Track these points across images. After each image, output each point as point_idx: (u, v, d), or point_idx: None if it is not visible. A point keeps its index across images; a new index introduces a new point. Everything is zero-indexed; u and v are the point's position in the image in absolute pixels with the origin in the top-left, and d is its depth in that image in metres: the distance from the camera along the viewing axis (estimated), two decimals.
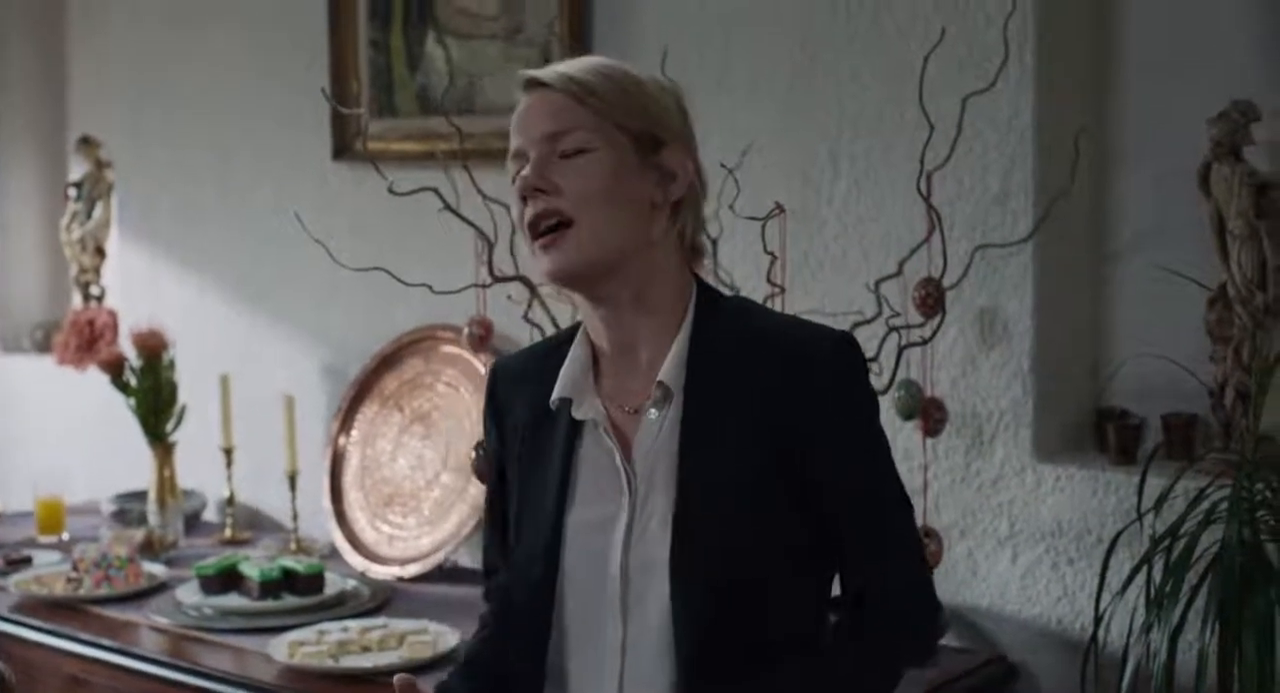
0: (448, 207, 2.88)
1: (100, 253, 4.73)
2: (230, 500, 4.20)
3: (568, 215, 1.97)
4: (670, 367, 2.01)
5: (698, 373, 2.01)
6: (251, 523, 4.31)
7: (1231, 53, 3.05)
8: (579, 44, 3.64)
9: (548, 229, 1.97)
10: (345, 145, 4.09)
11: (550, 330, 3.03)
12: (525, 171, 1.99)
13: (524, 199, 1.99)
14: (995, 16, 3.07)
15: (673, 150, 2.03)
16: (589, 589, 2.02)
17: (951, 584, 3.22)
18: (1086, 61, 3.19)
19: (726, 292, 2.25)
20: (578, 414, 2.06)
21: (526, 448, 2.11)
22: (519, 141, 2.01)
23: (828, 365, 2.00)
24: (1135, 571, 2.75)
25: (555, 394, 2.06)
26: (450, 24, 3.89)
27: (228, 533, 4.19)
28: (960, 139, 3.02)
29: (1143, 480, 2.84)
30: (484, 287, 2.93)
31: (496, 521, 2.19)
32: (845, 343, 2.04)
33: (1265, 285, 2.95)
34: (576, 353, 2.09)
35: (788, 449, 1.97)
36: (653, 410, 2.02)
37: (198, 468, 4.26)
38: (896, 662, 2.08)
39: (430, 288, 2.96)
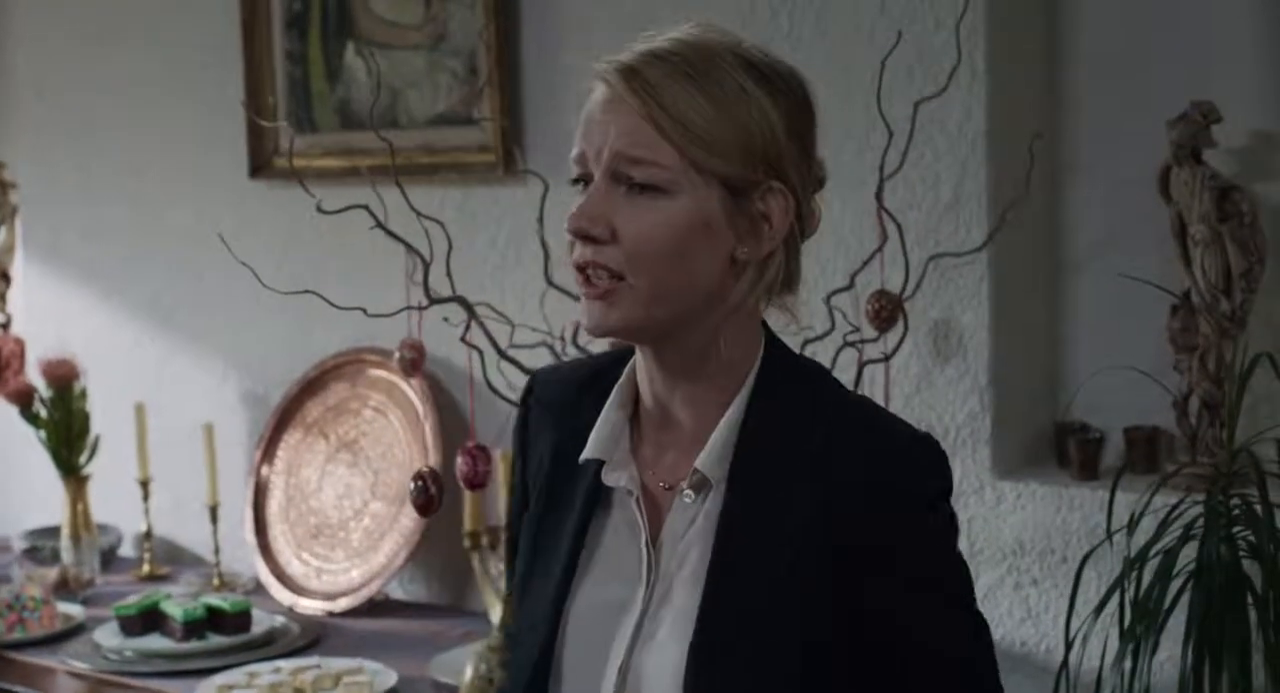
0: (380, 225, 2.73)
1: (5, 278, 4.53)
2: (148, 535, 4.02)
3: (618, 271, 1.62)
4: (712, 451, 1.67)
5: (746, 463, 1.66)
6: (170, 558, 4.13)
7: (1187, 56, 2.95)
8: (507, 50, 3.51)
9: (595, 278, 1.64)
10: (263, 163, 3.92)
11: (491, 354, 2.89)
12: (580, 203, 1.64)
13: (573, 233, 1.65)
14: (945, 18, 2.96)
15: (772, 190, 1.65)
16: (585, 684, 1.72)
17: None
18: (1039, 65, 3.09)
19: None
20: (609, 480, 1.73)
21: (545, 495, 1.79)
22: (582, 146, 1.65)
23: (910, 487, 1.65)
24: (1111, 591, 2.64)
25: (586, 453, 1.73)
26: (371, 34, 3.73)
27: (146, 569, 4.01)
28: (910, 146, 2.91)
29: (1112, 497, 2.74)
30: (420, 309, 2.78)
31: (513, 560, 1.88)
32: (935, 454, 1.68)
33: (1230, 292, 2.85)
34: (614, 405, 1.74)
35: (845, 581, 1.62)
36: (689, 492, 1.69)
37: (113, 502, 4.08)
38: None
39: (364, 311, 2.81)
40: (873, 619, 1.63)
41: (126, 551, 4.20)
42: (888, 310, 2.96)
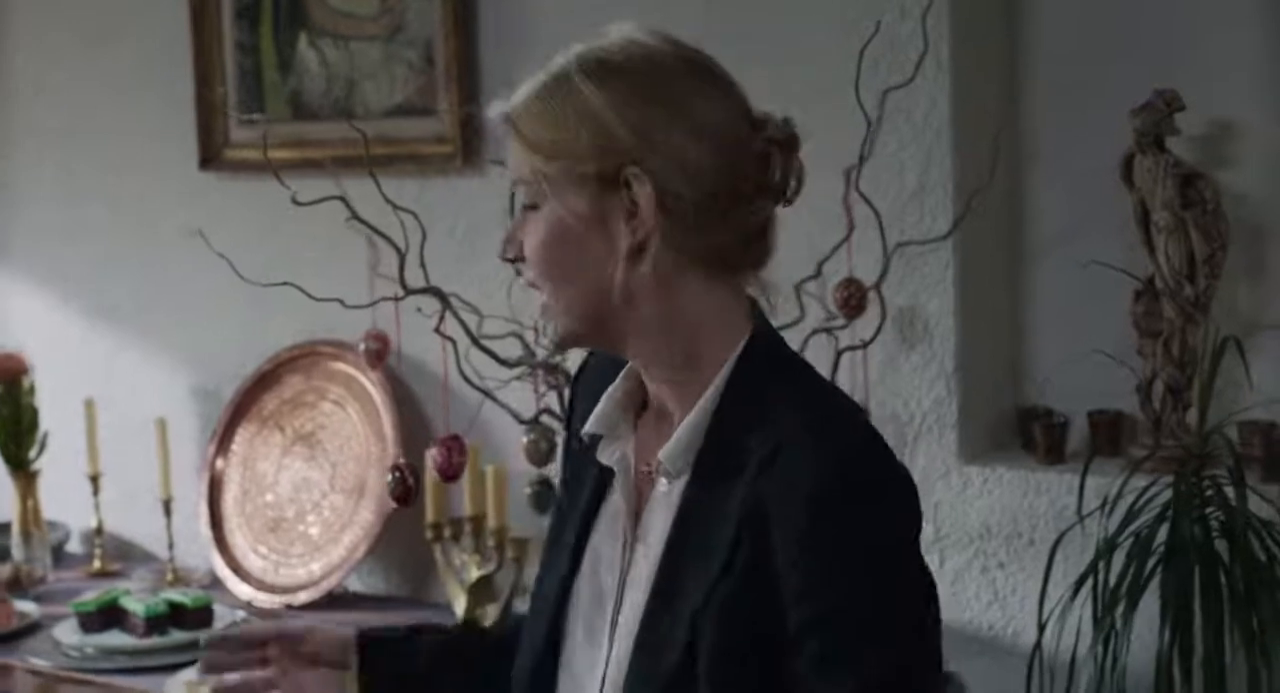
0: (355, 216, 2.73)
1: None
2: (98, 530, 3.98)
3: (533, 283, 1.68)
4: (679, 441, 1.64)
5: (710, 455, 1.63)
6: (121, 553, 4.08)
7: (1150, 44, 2.99)
8: (464, 41, 3.50)
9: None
10: (213, 155, 3.89)
11: (465, 344, 2.89)
12: None
13: None
14: (911, 8, 2.98)
15: (637, 177, 1.59)
16: (585, 661, 1.71)
17: None
18: (1002, 54, 3.12)
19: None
20: (602, 457, 1.72)
21: (572, 474, 1.81)
22: None
23: (847, 494, 1.54)
24: (1088, 572, 2.68)
25: (585, 428, 1.73)
26: (325, 25, 3.71)
27: (96, 564, 3.97)
28: (877, 135, 2.93)
29: (1083, 481, 2.78)
30: (397, 300, 2.77)
31: None
32: (878, 460, 1.60)
33: (1194, 278, 2.89)
34: (618, 386, 1.73)
35: (776, 581, 1.55)
36: (664, 480, 1.67)
37: (63, 497, 4.03)
38: None
39: (342, 302, 2.81)
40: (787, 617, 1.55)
41: (74, 547, 4.16)
42: (856, 298, 2.99)
